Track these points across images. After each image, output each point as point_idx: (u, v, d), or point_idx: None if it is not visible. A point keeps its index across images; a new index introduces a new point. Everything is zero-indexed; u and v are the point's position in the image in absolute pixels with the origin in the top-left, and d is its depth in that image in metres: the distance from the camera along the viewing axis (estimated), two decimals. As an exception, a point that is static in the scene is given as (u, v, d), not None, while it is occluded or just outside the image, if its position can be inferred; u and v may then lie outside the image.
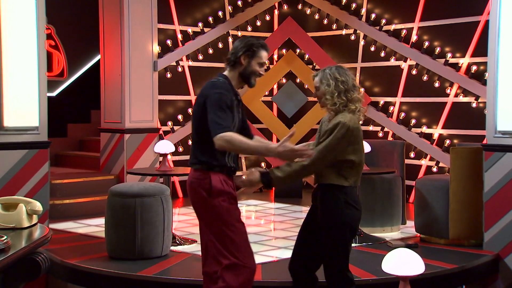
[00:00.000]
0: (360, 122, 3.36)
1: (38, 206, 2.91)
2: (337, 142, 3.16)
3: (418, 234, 5.62)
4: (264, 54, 3.26)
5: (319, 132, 3.38)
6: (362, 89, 8.05)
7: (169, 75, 7.82)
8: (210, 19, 8.18)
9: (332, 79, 3.22)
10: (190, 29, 8.04)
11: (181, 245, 5.31)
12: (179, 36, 7.95)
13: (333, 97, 3.21)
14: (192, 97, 8.14)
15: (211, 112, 3.07)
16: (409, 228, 5.99)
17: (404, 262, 2.67)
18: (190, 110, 8.08)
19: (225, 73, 3.30)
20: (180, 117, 7.97)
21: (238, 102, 3.28)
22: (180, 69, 7.98)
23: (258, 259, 4.88)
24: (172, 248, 5.11)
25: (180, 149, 7.91)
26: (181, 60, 7.96)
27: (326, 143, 3.17)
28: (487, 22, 6.82)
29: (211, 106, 3.09)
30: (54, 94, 8.52)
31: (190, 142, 8.11)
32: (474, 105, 7.08)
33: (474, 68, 7.06)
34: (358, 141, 3.25)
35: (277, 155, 3.08)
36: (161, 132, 7.65)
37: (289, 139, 3.08)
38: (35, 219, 2.97)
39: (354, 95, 3.23)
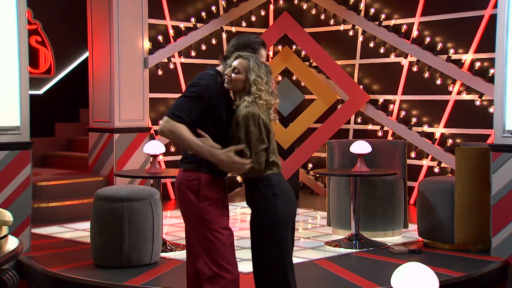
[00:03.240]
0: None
1: (7, 216, 2.62)
2: (256, 131, 3.03)
3: (421, 239, 5.40)
4: (263, 53, 3.18)
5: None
6: (361, 86, 7.83)
7: (160, 72, 7.59)
8: (203, 14, 7.96)
9: (264, 75, 3.09)
10: (182, 25, 7.81)
11: (172, 251, 5.08)
12: (171, 32, 7.72)
13: (264, 89, 3.06)
14: (185, 95, 7.88)
15: (182, 95, 3.02)
16: (412, 232, 5.79)
17: (416, 279, 2.41)
18: (182, 109, 7.83)
19: (219, 68, 3.16)
20: (172, 115, 7.71)
21: (228, 97, 3.14)
22: (171, 66, 7.75)
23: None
24: (163, 254, 4.91)
25: (172, 149, 7.67)
26: (173, 56, 7.75)
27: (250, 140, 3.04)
28: (491, 16, 6.63)
29: (185, 89, 3.03)
30: (41, 92, 8.30)
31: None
32: (477, 103, 6.87)
33: (477, 64, 6.84)
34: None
35: (219, 161, 2.97)
36: (152, 131, 7.42)
37: (235, 149, 3.00)
38: (4, 230, 2.69)
39: (271, 102, 3.10)
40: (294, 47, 8.36)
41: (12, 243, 2.61)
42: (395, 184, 5.66)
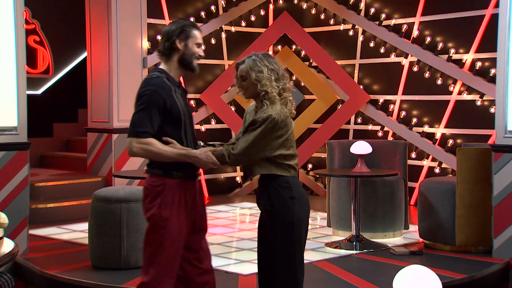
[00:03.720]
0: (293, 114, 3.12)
1: (2, 218, 2.57)
2: (264, 137, 2.96)
3: (422, 240, 5.35)
4: (198, 34, 3.03)
5: (244, 123, 3.14)
6: (361, 86, 7.78)
7: (159, 72, 7.52)
8: (202, 13, 7.91)
9: (263, 65, 3.03)
10: (181, 24, 7.74)
11: (171, 252, 5.00)
12: (170, 32, 7.64)
13: (271, 82, 3.01)
14: (184, 95, 7.84)
15: (135, 110, 2.88)
16: (412, 233, 5.74)
17: (418, 282, 2.36)
18: (181, 109, 7.79)
19: (161, 66, 3.03)
20: (171, 116, 7.66)
21: (183, 93, 3.05)
22: (171, 66, 7.68)
23: (252, 268, 4.62)
24: (161, 256, 4.81)
25: (171, 150, 7.60)
26: (172, 56, 7.66)
27: (253, 136, 2.96)
28: (492, 16, 6.59)
29: (136, 104, 2.89)
30: (39, 92, 8.24)
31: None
32: (478, 103, 6.82)
33: (478, 64, 6.79)
34: (288, 133, 3.04)
35: (197, 161, 2.91)
36: (151, 131, 7.34)
37: (213, 150, 2.98)
38: (0, 232, 2.63)
39: (286, 85, 3.06)
40: (294, 47, 8.31)
41: (7, 245, 2.55)
42: (395, 185, 5.61)
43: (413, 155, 7.29)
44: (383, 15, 7.61)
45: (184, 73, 3.06)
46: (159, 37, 7.34)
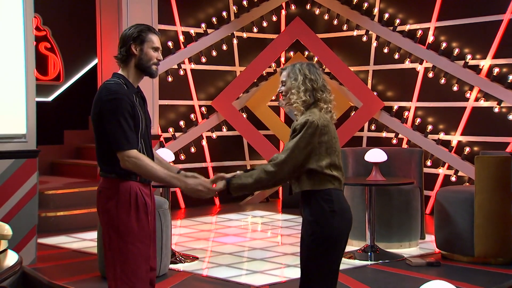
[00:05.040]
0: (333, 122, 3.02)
1: (6, 229, 2.48)
2: (306, 143, 2.85)
3: (439, 251, 5.21)
4: (154, 38, 2.95)
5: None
6: (375, 93, 7.65)
7: (170, 79, 7.48)
8: (214, 19, 7.84)
9: (301, 74, 2.96)
10: (192, 30, 7.69)
11: (182, 262, 4.93)
12: (181, 38, 7.60)
13: (299, 92, 2.94)
14: (195, 102, 7.77)
15: (112, 123, 2.78)
16: (429, 243, 5.60)
17: (441, 299, 2.23)
18: (192, 116, 7.71)
19: (120, 72, 2.96)
20: (182, 123, 7.60)
21: (141, 100, 2.96)
22: (182, 73, 7.62)
23: (264, 279, 4.51)
24: (171, 266, 4.77)
25: (182, 157, 7.53)
26: (183, 63, 7.62)
27: (293, 144, 2.85)
28: (510, 21, 6.47)
29: (108, 115, 2.80)
30: (50, 99, 8.20)
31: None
32: (496, 110, 6.68)
33: (496, 70, 6.66)
34: (331, 140, 2.93)
35: (184, 186, 2.85)
36: (161, 139, 7.29)
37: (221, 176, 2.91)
38: (3, 244, 2.54)
39: (323, 95, 2.96)
40: (306, 53, 8.21)
41: (11, 258, 2.46)
42: (411, 194, 5.48)
43: (428, 163, 7.15)
44: (398, 21, 7.49)
45: (142, 78, 2.99)
46: (169, 43, 7.34)
